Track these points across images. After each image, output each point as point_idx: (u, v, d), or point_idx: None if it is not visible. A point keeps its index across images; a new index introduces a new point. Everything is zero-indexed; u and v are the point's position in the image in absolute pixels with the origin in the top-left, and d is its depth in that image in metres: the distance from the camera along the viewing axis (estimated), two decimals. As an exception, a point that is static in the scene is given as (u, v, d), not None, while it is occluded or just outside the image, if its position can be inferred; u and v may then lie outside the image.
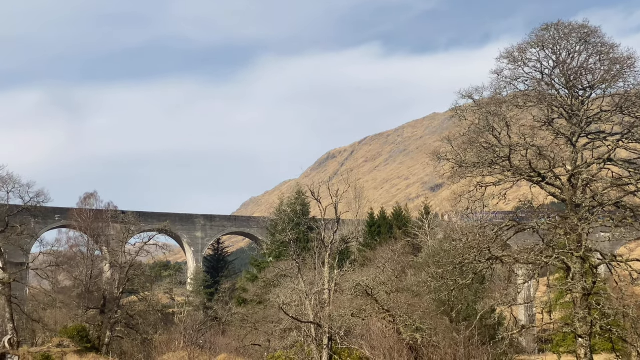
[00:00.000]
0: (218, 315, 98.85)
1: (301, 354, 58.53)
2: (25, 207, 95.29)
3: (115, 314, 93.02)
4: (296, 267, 67.03)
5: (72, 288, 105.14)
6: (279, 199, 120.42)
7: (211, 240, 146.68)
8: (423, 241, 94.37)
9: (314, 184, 71.16)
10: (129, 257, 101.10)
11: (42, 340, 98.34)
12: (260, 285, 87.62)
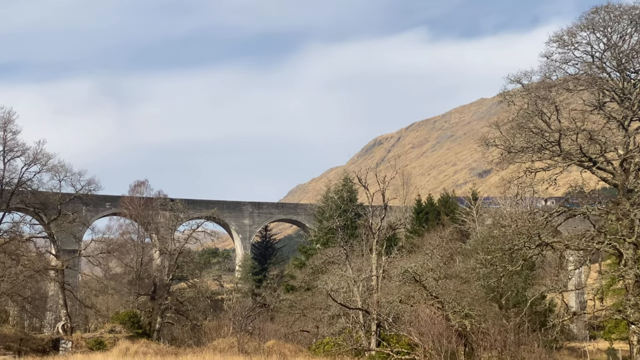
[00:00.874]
0: (266, 301, 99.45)
1: (349, 340, 58.61)
2: (76, 195, 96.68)
3: (165, 300, 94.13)
4: (344, 253, 67.12)
5: (123, 275, 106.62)
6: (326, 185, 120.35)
7: (259, 228, 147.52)
8: (471, 227, 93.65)
9: (361, 170, 71.09)
10: (178, 244, 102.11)
11: (94, 326, 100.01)
12: (308, 271, 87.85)
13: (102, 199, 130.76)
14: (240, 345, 64.77)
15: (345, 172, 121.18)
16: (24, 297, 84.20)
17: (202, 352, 56.17)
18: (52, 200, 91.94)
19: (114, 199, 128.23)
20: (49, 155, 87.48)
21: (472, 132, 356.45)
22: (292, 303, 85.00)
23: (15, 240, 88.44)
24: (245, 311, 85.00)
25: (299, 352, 63.37)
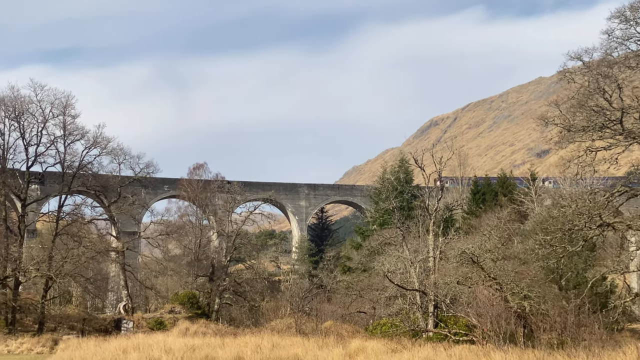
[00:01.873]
0: (323, 283, 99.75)
1: (407, 322, 58.47)
2: (136, 178, 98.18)
3: (223, 282, 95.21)
4: (400, 234, 66.88)
5: (181, 256, 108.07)
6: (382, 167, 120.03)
7: (315, 209, 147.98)
8: (529, 208, 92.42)
9: (417, 151, 70.51)
10: (236, 226, 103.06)
11: (154, 307, 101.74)
12: (364, 253, 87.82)
13: (161, 181, 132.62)
14: (297, 326, 65.15)
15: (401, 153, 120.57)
16: (86, 278, 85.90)
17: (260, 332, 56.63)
18: (112, 183, 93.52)
19: (172, 182, 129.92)
20: (108, 138, 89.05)
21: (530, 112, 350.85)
22: (348, 284, 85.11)
23: (77, 222, 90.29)
24: (302, 292, 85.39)
25: (357, 333, 63.50)
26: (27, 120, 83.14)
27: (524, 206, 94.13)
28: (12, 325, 76.11)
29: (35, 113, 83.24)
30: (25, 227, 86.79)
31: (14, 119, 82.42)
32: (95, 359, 37.17)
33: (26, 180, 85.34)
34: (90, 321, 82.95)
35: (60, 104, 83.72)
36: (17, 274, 77.97)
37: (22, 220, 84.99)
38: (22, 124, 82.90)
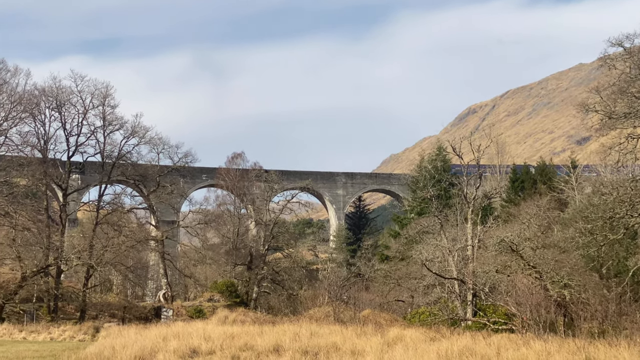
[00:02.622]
0: (361, 271, 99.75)
1: (445, 310, 58.31)
2: (174, 167, 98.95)
3: (261, 270, 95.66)
4: (438, 223, 66.65)
5: (220, 245, 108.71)
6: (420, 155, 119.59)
7: (352, 198, 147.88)
8: (569, 196, 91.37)
9: (455, 139, 70.05)
10: (273, 214, 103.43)
11: (193, 295, 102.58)
12: (402, 241, 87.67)
13: (199, 170, 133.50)
14: (335, 315, 65.29)
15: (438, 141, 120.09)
16: (126, 267, 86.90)
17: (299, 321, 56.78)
18: (151, 172, 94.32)
19: (210, 171, 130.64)
20: (146, 127, 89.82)
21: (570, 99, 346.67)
22: (386, 273, 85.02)
23: (117, 211, 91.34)
24: (340, 281, 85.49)
25: (395, 321, 63.45)
26: (68, 111, 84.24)
27: (564, 194, 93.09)
28: (55, 313, 77.31)
29: (76, 104, 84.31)
30: (67, 216, 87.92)
31: (55, 109, 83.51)
32: (136, 346, 37.55)
33: (67, 170, 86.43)
34: (131, 309, 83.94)
35: (100, 95, 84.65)
36: (59, 263, 79.07)
37: (63, 209, 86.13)
38: (63, 114, 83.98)
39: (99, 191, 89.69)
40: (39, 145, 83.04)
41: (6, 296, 74.45)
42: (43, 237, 79.62)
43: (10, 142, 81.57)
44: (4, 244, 78.49)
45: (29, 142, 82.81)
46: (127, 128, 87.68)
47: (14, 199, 79.06)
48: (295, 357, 34.42)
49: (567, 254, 57.66)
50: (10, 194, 78.73)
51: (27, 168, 79.41)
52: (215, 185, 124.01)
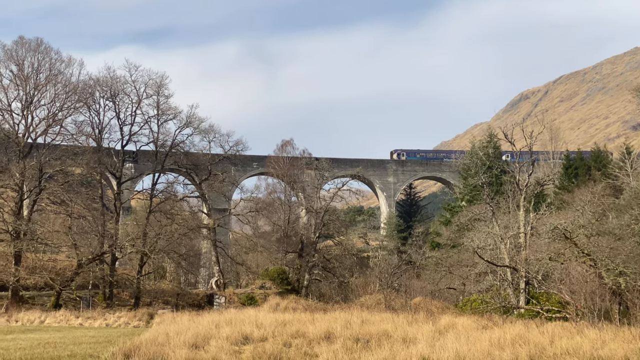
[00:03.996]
0: (412, 259, 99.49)
1: (497, 298, 57.83)
2: (225, 156, 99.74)
3: (312, 258, 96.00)
4: (490, 210, 66.06)
5: (271, 233, 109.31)
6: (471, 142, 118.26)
7: (403, 185, 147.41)
8: (625, 182, 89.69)
9: (507, 126, 69.19)
10: (324, 202, 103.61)
11: (245, 282, 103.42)
12: (453, 229, 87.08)
13: (250, 159, 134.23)
14: (387, 302, 65.29)
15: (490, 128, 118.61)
16: (179, 254, 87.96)
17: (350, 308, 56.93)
18: (203, 161, 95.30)
19: (261, 159, 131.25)
20: (201, 118, 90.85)
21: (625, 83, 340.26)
22: (437, 260, 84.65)
23: (170, 199, 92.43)
24: (391, 268, 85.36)
25: (446, 309, 63.23)
26: (122, 100, 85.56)
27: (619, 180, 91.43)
28: (110, 299, 78.71)
29: (130, 93, 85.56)
30: (121, 204, 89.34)
31: (110, 99, 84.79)
32: (189, 333, 38.02)
33: (121, 158, 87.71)
34: (184, 296, 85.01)
35: (154, 84, 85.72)
36: (113, 250, 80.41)
37: (117, 197, 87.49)
38: (117, 104, 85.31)
39: (152, 180, 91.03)
40: (93, 134, 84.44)
41: (63, 283, 75.97)
42: (98, 225, 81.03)
43: (65, 131, 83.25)
44: (61, 231, 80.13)
45: (83, 132, 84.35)
46: (181, 118, 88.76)
47: (69, 188, 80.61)
48: (346, 344, 34.49)
49: (623, 242, 56.67)
50: (65, 182, 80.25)
51: (82, 157, 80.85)
52: (265, 173, 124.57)
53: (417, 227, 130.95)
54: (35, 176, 77.88)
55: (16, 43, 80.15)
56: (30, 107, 79.26)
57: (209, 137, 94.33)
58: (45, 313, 67.50)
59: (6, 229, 73.99)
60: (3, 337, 47.33)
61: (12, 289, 73.25)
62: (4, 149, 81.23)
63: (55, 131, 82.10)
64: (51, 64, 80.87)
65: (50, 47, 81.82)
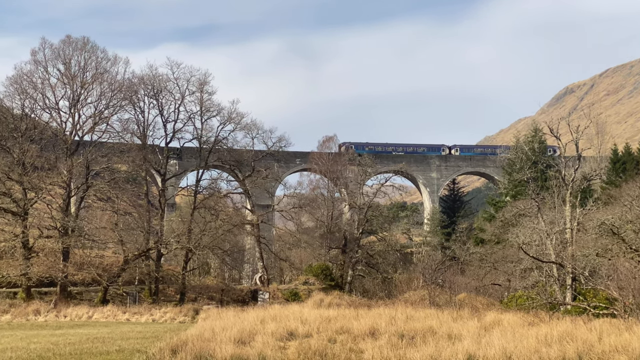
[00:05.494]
0: (456, 254, 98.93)
1: (543, 294, 57.18)
2: (268, 152, 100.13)
3: (355, 254, 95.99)
4: (535, 206, 65.37)
5: (314, 229, 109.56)
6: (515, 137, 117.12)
7: (446, 181, 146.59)
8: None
9: (552, 120, 68.35)
10: (367, 198, 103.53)
11: (289, 278, 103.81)
12: (497, 224, 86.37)
13: (292, 155, 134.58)
14: (431, 298, 65.01)
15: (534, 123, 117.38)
16: (223, 250, 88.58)
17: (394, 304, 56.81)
18: (246, 157, 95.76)
19: (304, 155, 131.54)
20: (242, 114, 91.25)
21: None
22: (482, 256, 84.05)
23: (214, 196, 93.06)
24: (435, 264, 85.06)
25: (491, 305, 62.70)
26: (165, 98, 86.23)
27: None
28: (156, 295, 79.56)
29: (173, 90, 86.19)
30: (166, 201, 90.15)
31: (153, 96, 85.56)
32: (235, 328, 38.26)
33: (165, 155, 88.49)
34: (228, 292, 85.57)
35: (196, 82, 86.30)
36: (159, 246, 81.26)
37: (162, 194, 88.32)
38: (160, 101, 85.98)
39: (196, 176, 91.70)
40: (138, 131, 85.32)
41: (110, 279, 76.98)
42: (143, 221, 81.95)
43: (111, 129, 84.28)
44: (107, 228, 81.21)
45: (129, 129, 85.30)
46: (223, 114, 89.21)
47: (115, 185, 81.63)
48: (391, 340, 34.43)
49: (672, 237, 55.66)
50: (112, 179, 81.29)
51: (127, 154, 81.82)
52: (308, 169, 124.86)
53: (461, 223, 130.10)
54: (82, 173, 79.03)
55: (63, 42, 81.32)
56: (77, 105, 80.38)
57: (252, 134, 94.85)
58: (93, 308, 68.47)
59: (55, 226, 75.16)
60: (52, 332, 48.16)
61: (60, 284, 74.41)
62: (52, 147, 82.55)
63: (102, 129, 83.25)
64: (97, 62, 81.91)
65: (97, 46, 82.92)
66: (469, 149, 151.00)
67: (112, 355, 33.77)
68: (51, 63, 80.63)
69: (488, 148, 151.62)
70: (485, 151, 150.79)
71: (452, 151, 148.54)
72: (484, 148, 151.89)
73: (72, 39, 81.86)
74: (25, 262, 72.73)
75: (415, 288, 78.60)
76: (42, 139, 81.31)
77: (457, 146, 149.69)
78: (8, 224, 77.08)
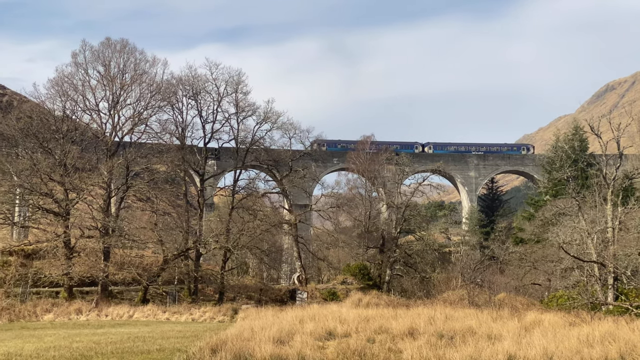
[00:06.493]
0: (495, 254, 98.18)
1: (584, 294, 56.55)
2: (306, 152, 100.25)
3: (393, 253, 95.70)
4: (576, 204, 64.67)
5: (352, 228, 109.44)
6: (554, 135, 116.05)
7: (485, 180, 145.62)
8: None
9: (592, 118, 67.65)
10: (405, 197, 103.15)
11: (327, 277, 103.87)
12: (537, 223, 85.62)
13: (330, 154, 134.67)
14: (470, 298, 64.66)
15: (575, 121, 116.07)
16: (261, 250, 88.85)
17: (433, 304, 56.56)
18: (284, 157, 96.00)
19: (341, 154, 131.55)
20: (278, 113, 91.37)
21: None
22: (521, 255, 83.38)
23: (251, 196, 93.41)
24: (474, 264, 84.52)
25: (531, 305, 62.18)
26: (204, 99, 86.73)
27: None
28: (195, 294, 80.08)
29: (211, 91, 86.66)
30: (204, 201, 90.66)
31: (192, 97, 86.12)
32: (273, 328, 38.40)
33: (204, 156, 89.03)
34: (267, 291, 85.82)
35: (233, 82, 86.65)
36: (198, 246, 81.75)
37: (200, 194, 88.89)
38: (199, 102, 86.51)
39: (234, 176, 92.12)
40: (177, 132, 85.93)
41: (150, 278, 77.67)
42: (182, 221, 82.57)
43: (150, 130, 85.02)
44: (147, 228, 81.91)
45: (167, 130, 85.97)
46: (259, 114, 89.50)
47: (154, 185, 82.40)
48: (430, 340, 34.30)
49: None
50: (151, 180, 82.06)
51: (166, 155, 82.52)
52: (346, 169, 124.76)
53: (500, 222, 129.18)
54: (122, 174, 79.88)
55: (103, 44, 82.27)
56: (117, 106, 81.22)
57: (289, 134, 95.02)
58: (133, 307, 69.15)
59: (95, 226, 76.03)
60: (94, 331, 48.76)
61: (101, 284, 75.26)
62: (93, 148, 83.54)
63: (141, 130, 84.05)
64: (136, 64, 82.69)
65: (135, 48, 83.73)
66: (442, 147, 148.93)
67: (153, 354, 34.10)
68: (91, 65, 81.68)
69: (462, 146, 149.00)
70: (459, 149, 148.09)
71: (425, 149, 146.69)
72: (457, 146, 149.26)
73: (111, 41, 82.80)
74: (67, 262, 73.68)
75: (453, 288, 78.22)
76: (82, 141, 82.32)
77: (430, 144, 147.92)
78: (50, 224, 78.19)
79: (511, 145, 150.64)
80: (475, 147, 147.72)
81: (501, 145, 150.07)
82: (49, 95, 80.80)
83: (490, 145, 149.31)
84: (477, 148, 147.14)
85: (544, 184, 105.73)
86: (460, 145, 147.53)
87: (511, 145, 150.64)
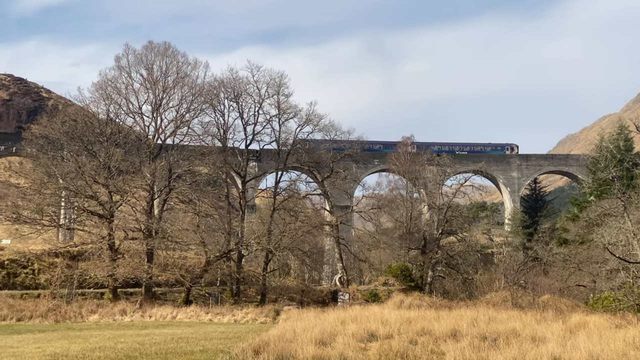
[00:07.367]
0: (538, 255, 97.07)
1: (631, 296, 55.68)
2: (347, 153, 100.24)
3: (435, 254, 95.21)
4: (621, 205, 63.73)
5: (393, 229, 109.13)
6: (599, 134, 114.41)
7: (527, 180, 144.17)
8: None
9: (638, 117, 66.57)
10: (446, 198, 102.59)
11: (368, 279, 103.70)
12: (581, 224, 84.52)
13: (371, 155, 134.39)
14: (513, 300, 64.00)
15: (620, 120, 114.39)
16: (303, 252, 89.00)
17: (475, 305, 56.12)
18: (325, 158, 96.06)
19: (382, 156, 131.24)
20: (320, 115, 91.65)
21: None
22: (566, 257, 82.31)
23: (293, 197, 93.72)
24: (517, 265, 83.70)
25: (576, 307, 61.37)
26: (245, 101, 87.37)
27: None
28: (237, 296, 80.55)
29: (252, 93, 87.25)
30: (246, 202, 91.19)
31: (233, 99, 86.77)
32: (316, 329, 38.42)
33: (245, 157, 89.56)
34: (308, 293, 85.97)
35: (274, 84, 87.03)
36: (240, 248, 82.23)
37: (242, 196, 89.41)
38: (241, 104, 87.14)
39: (275, 178, 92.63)
40: (218, 134, 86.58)
41: (192, 280, 78.24)
42: (224, 223, 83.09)
43: (192, 132, 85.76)
44: (189, 229, 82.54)
45: (209, 132, 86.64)
46: (301, 116, 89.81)
47: (197, 187, 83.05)
48: (473, 342, 34.02)
49: None
50: (193, 182, 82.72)
51: (208, 157, 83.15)
52: (387, 170, 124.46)
53: (543, 223, 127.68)
54: (164, 176, 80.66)
55: (145, 48, 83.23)
56: (160, 109, 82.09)
57: (330, 135, 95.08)
58: (176, 309, 69.69)
59: (139, 228, 76.85)
60: (138, 332, 49.26)
61: (145, 285, 76.06)
62: (136, 150, 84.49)
63: (183, 132, 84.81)
64: (178, 67, 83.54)
65: (177, 51, 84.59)
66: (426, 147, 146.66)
67: (196, 355, 34.33)
68: (134, 69, 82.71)
69: (445, 145, 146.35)
70: (442, 148, 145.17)
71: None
72: (440, 145, 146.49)
73: (153, 44, 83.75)
74: (112, 264, 74.56)
75: (496, 289, 77.51)
76: (126, 143, 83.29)
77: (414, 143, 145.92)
78: (95, 226, 79.23)
79: (495, 145, 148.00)
80: (459, 146, 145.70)
81: (485, 145, 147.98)
82: (93, 98, 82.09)
83: (474, 145, 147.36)
84: (460, 148, 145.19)
85: (589, 184, 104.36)
86: (444, 145, 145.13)
87: (495, 145, 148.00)
